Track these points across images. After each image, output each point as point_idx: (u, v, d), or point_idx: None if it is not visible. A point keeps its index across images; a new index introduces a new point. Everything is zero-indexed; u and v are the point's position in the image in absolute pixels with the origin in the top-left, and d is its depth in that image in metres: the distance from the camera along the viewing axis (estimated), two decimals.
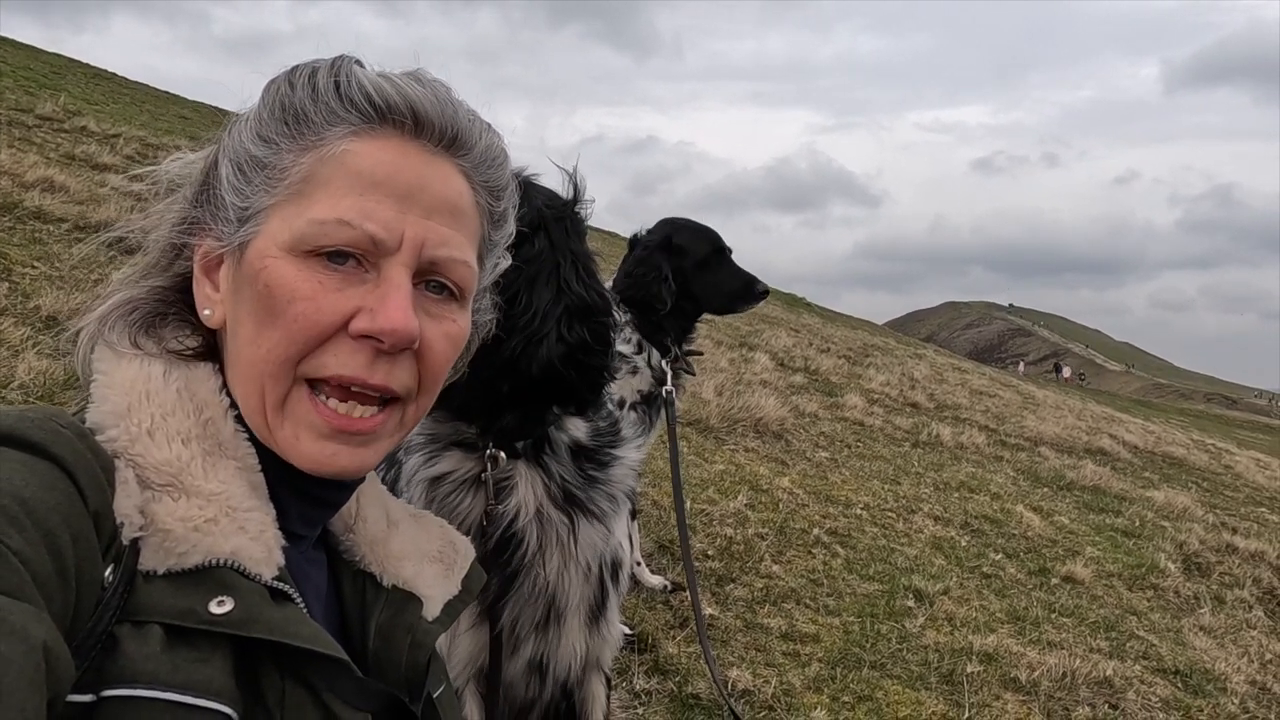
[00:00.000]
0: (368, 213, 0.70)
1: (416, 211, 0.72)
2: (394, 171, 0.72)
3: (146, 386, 0.71)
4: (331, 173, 0.71)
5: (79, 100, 11.05)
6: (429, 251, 0.73)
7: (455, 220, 0.76)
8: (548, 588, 1.52)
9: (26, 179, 5.78)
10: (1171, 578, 4.53)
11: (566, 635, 1.57)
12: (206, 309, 0.76)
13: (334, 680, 0.67)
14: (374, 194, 0.71)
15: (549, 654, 1.56)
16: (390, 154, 0.73)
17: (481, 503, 1.43)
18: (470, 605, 1.45)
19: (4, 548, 0.52)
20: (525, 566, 1.48)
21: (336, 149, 0.72)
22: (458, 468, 1.45)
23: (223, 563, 0.65)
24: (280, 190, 0.72)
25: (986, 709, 2.79)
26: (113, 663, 0.58)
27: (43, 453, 0.59)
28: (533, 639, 1.54)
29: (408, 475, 1.49)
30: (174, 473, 0.67)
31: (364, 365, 0.70)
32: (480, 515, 1.44)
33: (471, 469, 1.44)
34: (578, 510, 1.50)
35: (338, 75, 0.73)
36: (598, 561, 1.57)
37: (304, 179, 0.71)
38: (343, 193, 0.70)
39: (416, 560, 0.86)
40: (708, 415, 5.69)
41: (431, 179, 0.74)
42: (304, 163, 0.72)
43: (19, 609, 0.50)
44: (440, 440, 1.46)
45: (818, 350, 11.08)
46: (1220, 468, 9.63)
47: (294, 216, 0.71)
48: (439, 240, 0.73)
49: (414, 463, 1.48)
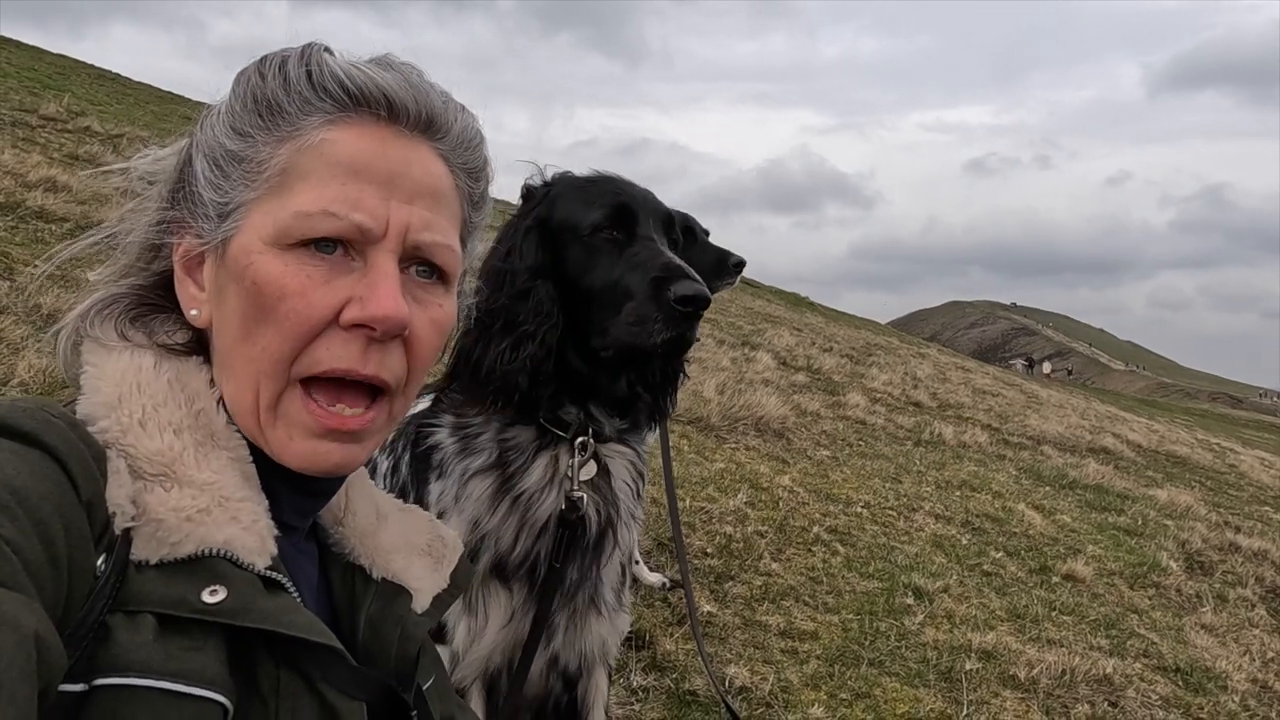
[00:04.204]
0: (353, 202, 0.70)
1: (399, 197, 0.72)
2: (374, 159, 0.71)
3: (137, 378, 0.71)
4: (311, 163, 0.71)
5: (83, 101, 11.08)
6: (413, 236, 0.73)
7: (437, 204, 0.76)
8: (594, 573, 1.54)
9: (29, 179, 5.80)
10: (1173, 576, 4.51)
11: (593, 626, 1.58)
12: (193, 309, 0.75)
13: (328, 669, 0.68)
14: (356, 182, 0.70)
15: (572, 645, 1.57)
16: (369, 141, 0.72)
17: (557, 492, 1.47)
18: (510, 598, 1.48)
19: None
20: (582, 553, 1.50)
21: (314, 139, 0.71)
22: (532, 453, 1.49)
23: (215, 552, 0.64)
24: (260, 184, 0.71)
25: (985, 706, 2.78)
26: (105, 652, 0.58)
27: (34, 442, 0.59)
28: (563, 631, 1.55)
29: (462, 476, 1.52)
30: (166, 463, 0.67)
31: (357, 356, 0.70)
32: (557, 503, 1.47)
33: (548, 455, 1.49)
34: (627, 495, 1.55)
35: (309, 64, 0.73)
36: (627, 548, 1.60)
37: (283, 171, 0.71)
38: (325, 183, 0.70)
39: (406, 553, 0.86)
40: (709, 413, 5.69)
41: (412, 164, 0.74)
42: (281, 154, 0.71)
43: (11, 598, 0.50)
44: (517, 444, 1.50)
45: (820, 349, 11.06)
46: (1225, 467, 9.59)
47: (277, 210, 0.70)
48: (422, 224, 0.73)
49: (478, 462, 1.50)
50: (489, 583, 1.50)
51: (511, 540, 1.47)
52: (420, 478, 1.57)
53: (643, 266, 1.41)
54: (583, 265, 1.45)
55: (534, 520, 1.47)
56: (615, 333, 1.40)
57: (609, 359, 1.44)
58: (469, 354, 1.44)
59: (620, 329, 1.39)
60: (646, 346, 1.37)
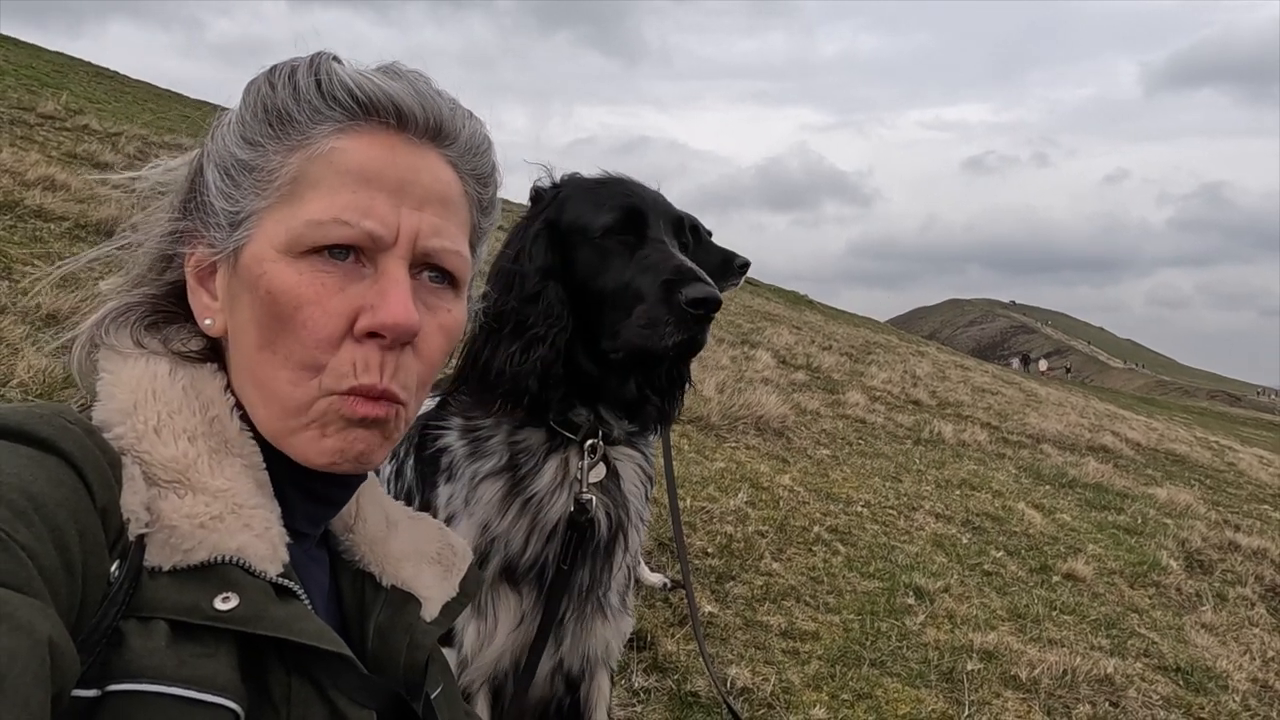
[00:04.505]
0: (365, 210, 0.70)
1: (409, 204, 0.73)
2: (384, 166, 0.72)
3: (153, 385, 0.71)
4: (321, 171, 0.71)
5: (81, 99, 11.05)
6: (423, 243, 0.73)
7: (446, 210, 0.76)
8: (605, 577, 1.54)
9: (28, 177, 5.78)
10: (1173, 575, 4.51)
11: (598, 629, 1.58)
12: (207, 319, 0.76)
13: (339, 676, 0.68)
14: (367, 190, 0.71)
15: (578, 648, 1.57)
16: (379, 149, 0.73)
17: (567, 494, 1.48)
18: (520, 602, 1.48)
19: (11, 542, 0.52)
20: (591, 555, 1.51)
21: (324, 147, 0.72)
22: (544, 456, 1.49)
23: (228, 559, 0.65)
24: (271, 193, 0.72)
25: (986, 707, 2.78)
26: (118, 658, 0.58)
27: (51, 448, 0.60)
28: (570, 634, 1.55)
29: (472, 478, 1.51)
30: (180, 469, 0.67)
31: (375, 368, 0.71)
32: (567, 505, 1.47)
33: (559, 458, 1.49)
34: (636, 497, 1.55)
35: (318, 73, 0.73)
36: (634, 549, 1.61)
37: (294, 179, 0.72)
38: (336, 191, 0.71)
39: (415, 561, 0.87)
40: (708, 412, 5.69)
41: (421, 171, 0.74)
42: (292, 163, 0.72)
43: (25, 603, 0.50)
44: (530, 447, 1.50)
45: (820, 348, 11.06)
46: (1223, 465, 9.59)
47: (289, 218, 0.71)
48: (432, 231, 0.74)
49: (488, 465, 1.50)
50: (498, 586, 1.50)
51: (522, 543, 1.47)
52: (428, 481, 1.56)
53: (654, 269, 1.40)
54: (593, 267, 1.45)
55: (544, 523, 1.47)
56: (626, 335, 1.39)
57: (619, 361, 1.43)
58: (477, 356, 1.44)
59: (631, 331, 1.39)
60: (658, 349, 1.37)
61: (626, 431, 1.52)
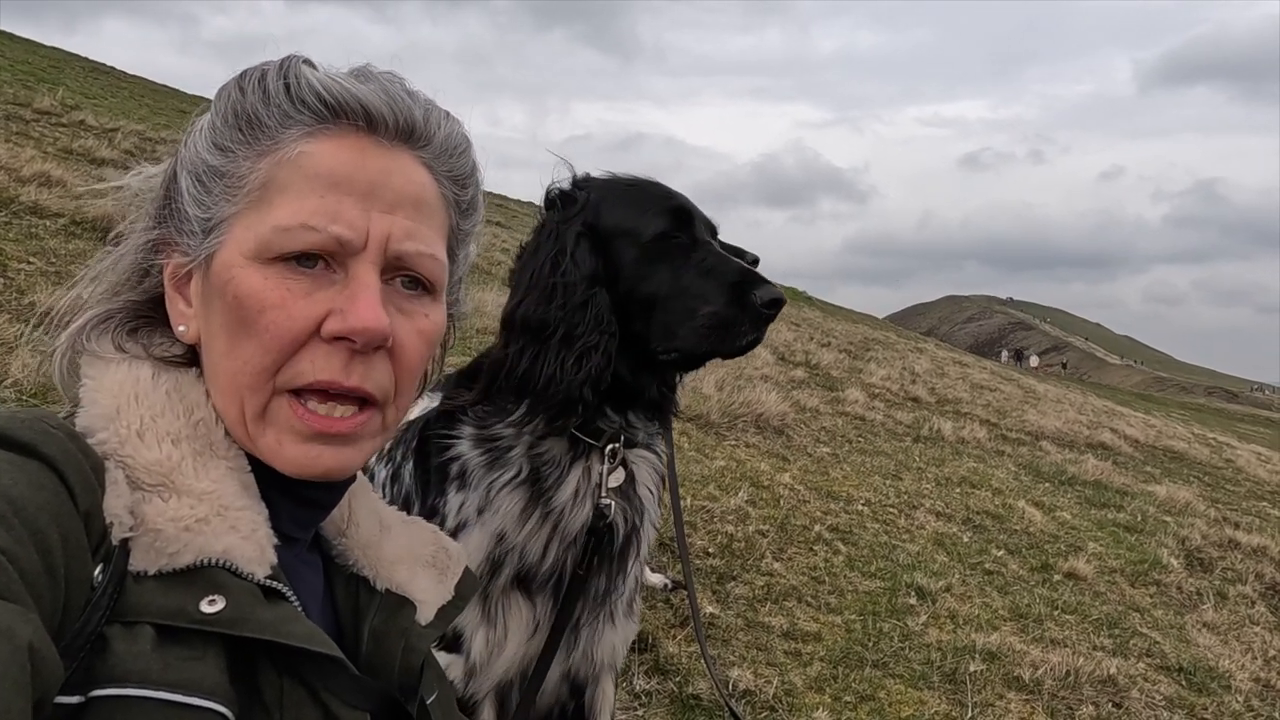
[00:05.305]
0: (332, 214, 0.69)
1: (380, 208, 0.72)
2: (353, 170, 0.71)
3: (135, 389, 0.71)
4: (290, 176, 0.70)
5: (77, 94, 11.01)
6: (395, 246, 0.72)
7: (419, 213, 0.75)
8: (619, 581, 1.54)
9: (23, 173, 5.75)
10: (1174, 573, 4.51)
11: (606, 634, 1.58)
12: (181, 325, 0.75)
13: (330, 679, 0.67)
14: (335, 194, 0.70)
15: (588, 654, 1.57)
16: (348, 152, 0.72)
17: (590, 503, 1.48)
18: (534, 610, 1.47)
19: None
20: (607, 560, 1.51)
21: (293, 151, 0.71)
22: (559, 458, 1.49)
23: (214, 562, 0.64)
24: (241, 198, 0.71)
25: (990, 709, 2.77)
26: (102, 663, 0.57)
27: (32, 453, 0.59)
28: (582, 640, 1.55)
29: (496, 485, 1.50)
30: (164, 473, 0.67)
31: (340, 368, 0.70)
32: (589, 514, 1.47)
33: (581, 466, 1.48)
34: (649, 499, 1.55)
35: (287, 77, 0.72)
36: (644, 552, 1.61)
37: (263, 185, 0.71)
38: (304, 196, 0.70)
39: (410, 565, 0.86)
40: (708, 410, 5.67)
41: (392, 173, 0.73)
42: (261, 168, 0.71)
43: (5, 609, 0.50)
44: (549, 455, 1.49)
45: (818, 344, 11.06)
46: (1221, 462, 9.61)
47: (257, 224, 0.70)
48: (404, 234, 0.73)
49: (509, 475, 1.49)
50: (510, 594, 1.48)
51: (540, 552, 1.46)
52: (433, 487, 1.54)
53: (716, 272, 1.42)
54: (644, 272, 1.44)
55: (566, 532, 1.46)
56: (687, 337, 1.41)
57: (669, 362, 1.46)
58: (512, 367, 1.40)
59: (695, 334, 1.41)
60: (732, 349, 1.42)
61: (651, 433, 1.52)
